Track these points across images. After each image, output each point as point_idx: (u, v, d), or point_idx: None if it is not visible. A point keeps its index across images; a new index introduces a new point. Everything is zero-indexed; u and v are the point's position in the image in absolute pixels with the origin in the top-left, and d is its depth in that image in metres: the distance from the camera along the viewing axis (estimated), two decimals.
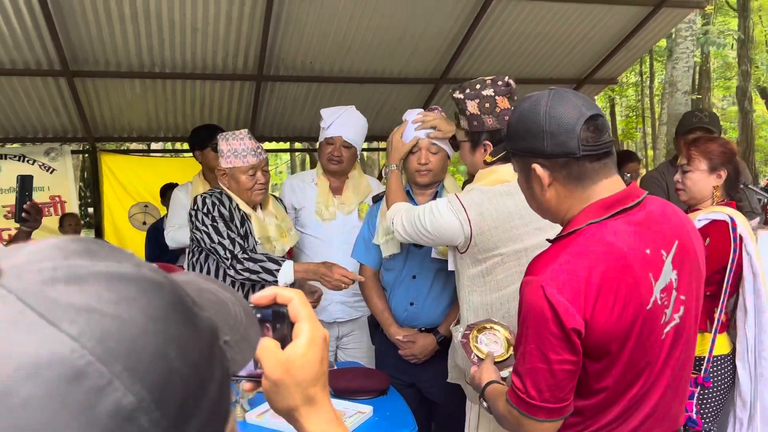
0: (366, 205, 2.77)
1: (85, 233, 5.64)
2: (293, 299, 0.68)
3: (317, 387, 0.68)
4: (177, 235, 3.05)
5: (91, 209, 11.39)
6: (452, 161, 2.37)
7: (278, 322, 0.68)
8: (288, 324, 0.68)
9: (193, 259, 2.43)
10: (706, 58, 16.91)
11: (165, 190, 4.81)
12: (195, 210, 2.32)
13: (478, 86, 1.89)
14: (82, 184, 12.18)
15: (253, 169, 2.36)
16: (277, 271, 2.23)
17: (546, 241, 1.34)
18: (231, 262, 2.24)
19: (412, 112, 2.34)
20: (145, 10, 3.84)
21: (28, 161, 5.57)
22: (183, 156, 7.05)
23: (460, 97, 1.91)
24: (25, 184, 2.37)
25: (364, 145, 2.97)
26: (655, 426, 1.30)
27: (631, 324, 1.19)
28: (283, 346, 0.67)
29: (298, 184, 2.90)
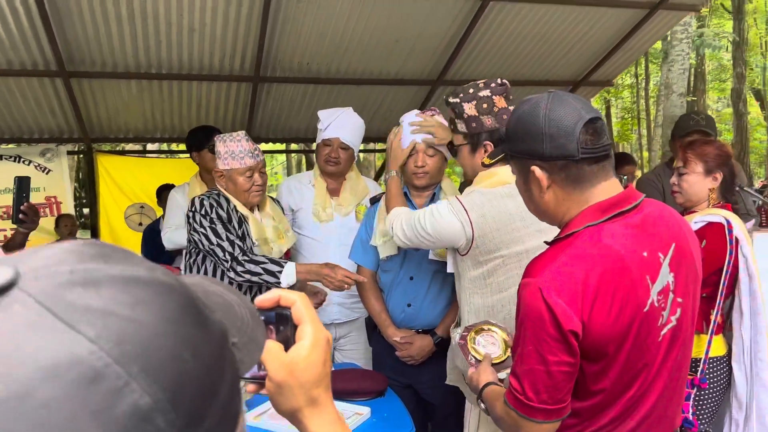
0: (363, 206, 2.77)
1: (80, 234, 5.61)
2: (297, 302, 0.69)
3: (320, 388, 0.69)
4: (174, 237, 3.05)
5: (86, 210, 11.36)
6: (449, 163, 2.38)
7: (281, 325, 0.69)
8: (291, 326, 0.69)
9: (190, 260, 2.42)
10: (702, 61, 16.98)
11: (161, 191, 4.79)
12: (193, 211, 2.31)
13: (472, 90, 1.91)
14: (77, 185, 12.14)
15: (250, 170, 2.35)
16: (280, 272, 2.23)
17: (544, 243, 1.34)
18: (231, 264, 2.24)
19: (408, 115, 2.34)
20: (142, 11, 3.83)
21: (24, 162, 5.55)
22: (179, 157, 7.04)
23: (456, 101, 1.92)
24: (23, 185, 2.37)
25: (361, 147, 2.97)
26: (652, 427, 1.30)
27: (628, 326, 1.19)
28: (286, 348, 0.68)
29: (296, 185, 2.90)
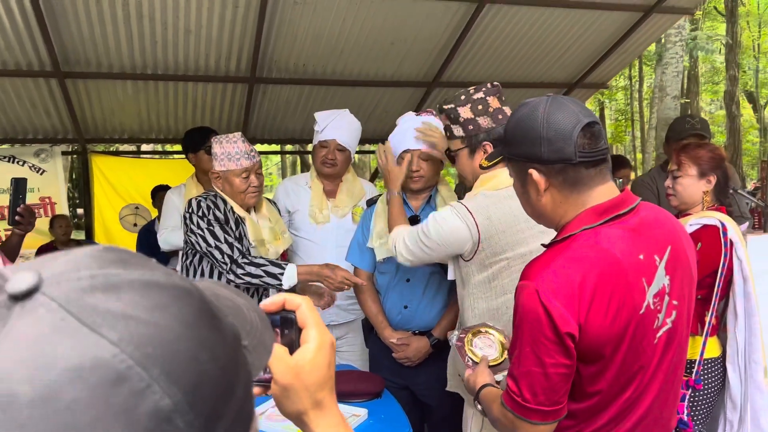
0: (360, 208, 2.77)
1: (75, 235, 5.59)
2: (301, 305, 0.70)
3: (325, 391, 0.70)
4: (170, 238, 3.04)
5: (79, 210, 11.32)
6: (445, 165, 2.38)
7: (286, 328, 0.69)
8: (296, 330, 0.70)
9: (187, 262, 2.42)
10: (695, 63, 17.07)
11: (155, 192, 4.79)
12: (190, 212, 2.31)
13: (465, 96, 1.93)
14: (70, 185, 12.10)
15: (246, 172, 2.35)
16: (281, 274, 2.23)
17: (541, 246, 1.35)
18: (230, 267, 2.24)
19: (404, 118, 2.35)
20: (137, 12, 3.83)
21: (18, 162, 5.53)
22: (173, 157, 7.02)
23: (451, 107, 1.94)
24: (19, 186, 2.37)
25: (357, 148, 2.98)
26: (648, 429, 1.31)
27: (625, 328, 1.20)
28: (291, 352, 0.69)
29: (292, 187, 2.90)
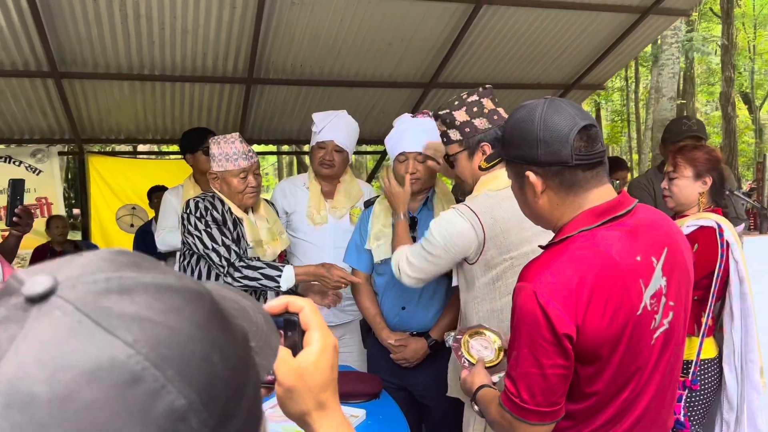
0: (358, 209, 2.77)
1: (71, 236, 5.58)
2: (305, 308, 0.71)
3: (328, 392, 0.70)
4: (168, 239, 3.04)
5: (75, 210, 11.29)
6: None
7: (289, 330, 0.70)
8: (299, 332, 0.70)
9: (184, 262, 2.42)
10: (691, 64, 17.13)
11: (152, 193, 4.79)
12: (188, 213, 2.31)
13: (458, 101, 1.94)
14: (66, 186, 12.09)
15: (244, 172, 2.36)
16: (279, 276, 2.24)
17: (538, 247, 1.36)
18: (227, 269, 2.24)
19: (400, 119, 2.35)
20: (135, 12, 3.82)
21: (15, 162, 5.52)
22: (170, 158, 7.02)
23: (446, 112, 1.94)
24: (17, 188, 2.37)
25: (354, 149, 2.99)
26: (646, 429, 1.32)
27: (622, 329, 1.21)
28: (294, 354, 0.69)
29: (290, 188, 2.90)
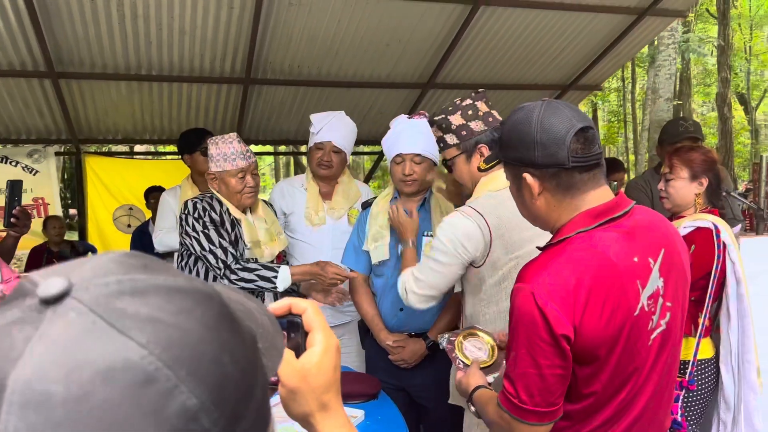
0: (356, 210, 2.78)
1: (67, 236, 5.57)
2: (308, 309, 0.71)
3: (330, 393, 0.71)
4: (165, 239, 3.04)
5: (72, 210, 11.27)
6: (439, 168, 2.40)
7: (292, 332, 0.70)
8: (302, 333, 0.71)
9: (182, 263, 2.42)
10: (687, 65, 17.16)
11: (149, 193, 4.78)
12: (186, 214, 2.31)
13: (452, 106, 1.96)
14: (62, 186, 12.06)
15: (242, 172, 2.36)
16: (275, 277, 2.24)
17: (536, 248, 1.36)
18: (224, 272, 2.25)
19: (397, 121, 2.36)
20: (132, 12, 3.82)
21: (11, 163, 5.51)
22: (167, 158, 7.01)
23: (442, 117, 1.96)
24: (15, 189, 2.37)
25: (352, 149, 2.99)
26: (642, 430, 1.32)
27: (619, 330, 1.21)
28: (297, 355, 0.70)
29: (288, 189, 2.90)
